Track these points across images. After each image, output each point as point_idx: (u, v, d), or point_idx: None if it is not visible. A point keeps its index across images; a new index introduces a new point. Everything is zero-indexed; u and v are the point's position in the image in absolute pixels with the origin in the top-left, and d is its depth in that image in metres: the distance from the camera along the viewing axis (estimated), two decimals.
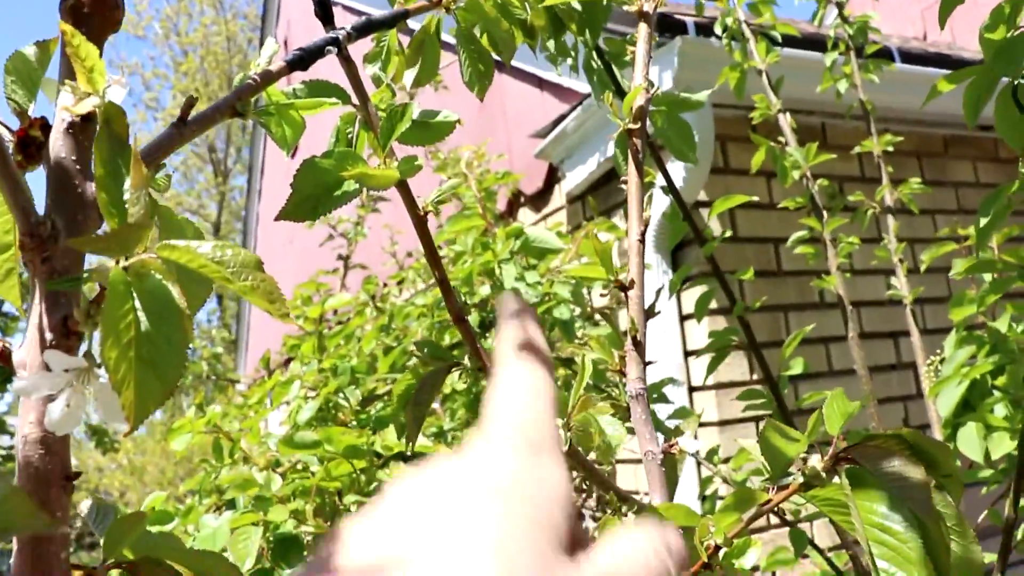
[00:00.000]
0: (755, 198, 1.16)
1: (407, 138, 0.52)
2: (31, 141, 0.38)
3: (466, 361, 0.56)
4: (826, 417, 0.53)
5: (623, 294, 0.66)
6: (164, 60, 18.20)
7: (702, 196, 2.83)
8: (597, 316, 1.75)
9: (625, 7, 0.71)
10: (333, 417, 1.38)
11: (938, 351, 1.64)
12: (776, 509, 0.54)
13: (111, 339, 0.29)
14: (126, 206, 0.32)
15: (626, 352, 0.64)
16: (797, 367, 1.18)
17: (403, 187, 0.51)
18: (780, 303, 2.96)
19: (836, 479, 0.48)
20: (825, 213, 1.87)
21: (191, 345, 0.37)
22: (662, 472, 0.62)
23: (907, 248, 2.46)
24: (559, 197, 3.39)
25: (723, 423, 2.75)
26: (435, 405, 1.78)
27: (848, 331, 1.84)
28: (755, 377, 2.90)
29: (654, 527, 0.25)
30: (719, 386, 2.76)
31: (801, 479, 0.50)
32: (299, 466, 1.23)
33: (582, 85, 3.00)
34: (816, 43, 2.79)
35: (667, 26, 2.67)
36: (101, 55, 0.39)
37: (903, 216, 2.14)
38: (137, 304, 0.30)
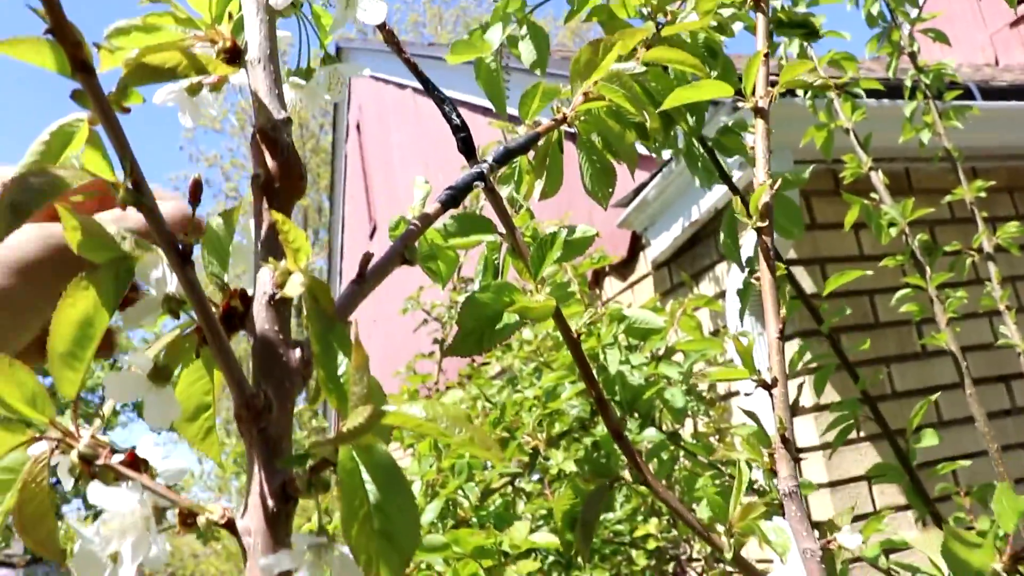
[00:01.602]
0: (868, 272, 1.15)
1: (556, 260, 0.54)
2: (233, 312, 0.41)
3: (627, 475, 0.57)
4: (998, 516, 0.52)
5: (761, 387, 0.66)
6: (241, 151, 19.00)
7: (792, 254, 2.80)
8: (703, 391, 1.74)
9: (739, 104, 0.73)
10: (453, 514, 1.39)
11: None
12: None
13: (349, 516, 0.31)
14: (343, 384, 0.34)
15: (775, 450, 0.64)
16: (930, 439, 1.15)
17: (556, 312, 0.52)
18: (880, 355, 2.89)
19: None
20: (928, 269, 1.83)
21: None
22: (822, 569, 0.61)
23: (1011, 289, 2.39)
24: (644, 264, 3.39)
25: (833, 484, 2.67)
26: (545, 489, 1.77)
27: (965, 388, 1.78)
28: (862, 434, 2.82)
29: None
30: (826, 446, 2.68)
31: None
32: (423, 565, 1.24)
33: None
34: (892, 89, 2.77)
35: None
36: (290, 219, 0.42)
37: (1002, 255, 2.09)
38: (366, 477, 0.32)
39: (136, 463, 0.42)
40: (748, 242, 0.81)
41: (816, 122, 1.99)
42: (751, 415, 0.74)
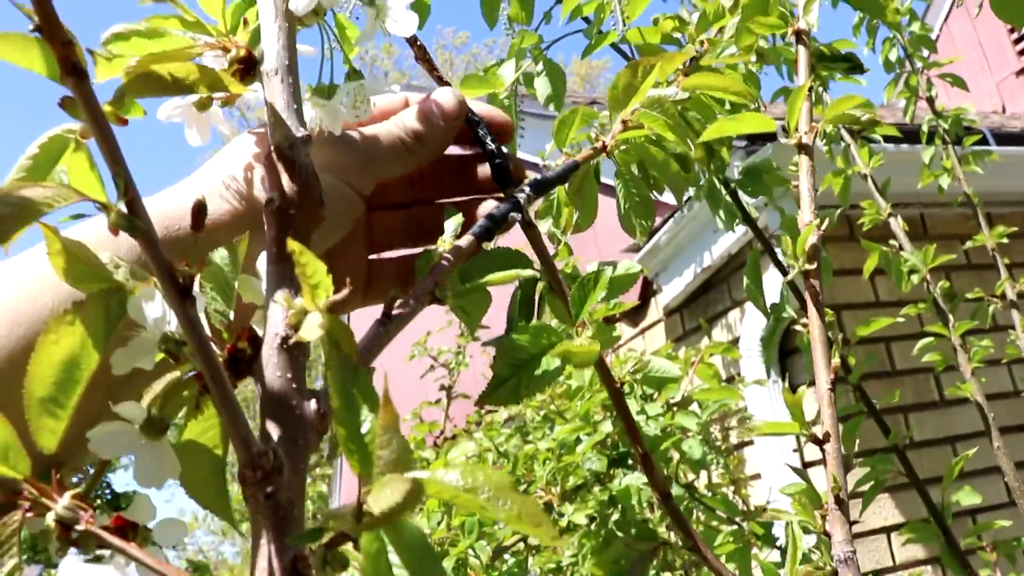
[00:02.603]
0: (899, 319, 1.10)
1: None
2: (240, 355, 0.35)
3: (673, 538, 0.52)
4: None
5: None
6: None
7: None
8: (718, 440, 1.67)
9: (782, 140, 0.68)
10: (464, 574, 1.33)
11: None
12: None
13: None
14: (368, 445, 0.29)
15: (828, 511, 0.58)
16: (969, 497, 1.09)
17: (599, 360, 0.47)
18: (898, 404, 2.82)
19: None
20: (951, 318, 1.78)
21: None
22: None
23: None
24: (656, 311, 3.34)
25: (857, 536, 2.59)
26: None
27: (992, 440, 1.72)
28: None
29: None
30: (850, 496, 2.60)
31: None
32: None
33: (671, 197, 2.98)
34: (908, 135, 2.74)
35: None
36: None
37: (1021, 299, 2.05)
38: (394, 559, 0.27)
39: (124, 528, 0.36)
40: (770, 287, 0.76)
41: (833, 168, 1.96)
42: (800, 473, 0.68)
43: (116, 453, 0.35)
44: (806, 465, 2.72)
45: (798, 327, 0.65)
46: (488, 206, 0.47)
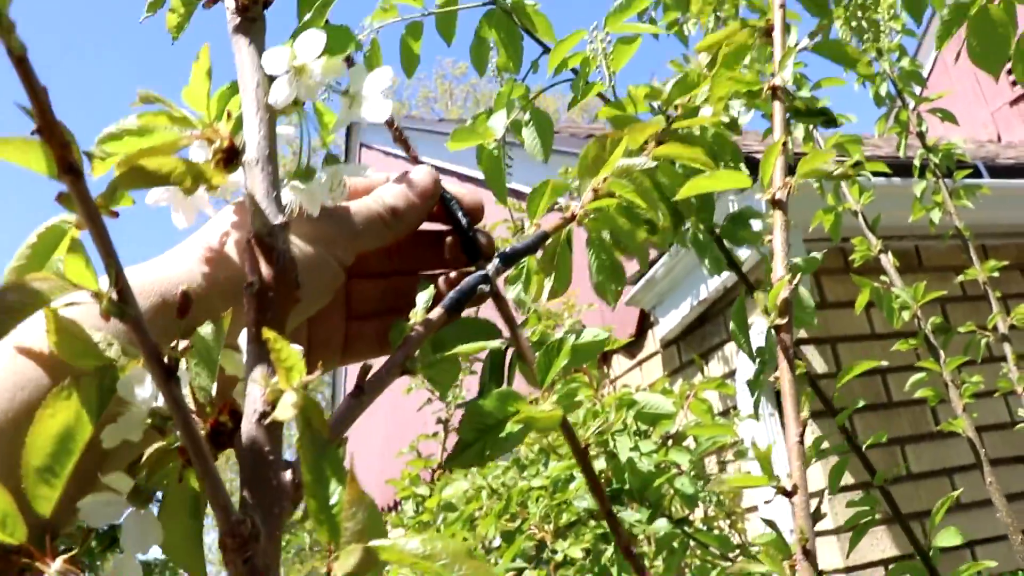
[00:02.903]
0: (884, 363, 1.12)
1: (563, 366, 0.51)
2: (222, 429, 0.38)
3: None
4: None
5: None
6: None
7: (802, 333, 2.77)
8: (721, 471, 1.69)
9: (758, 196, 0.71)
10: None
11: None
12: None
13: None
14: (336, 516, 0.32)
15: (796, 562, 0.60)
16: (951, 538, 1.10)
17: (563, 422, 0.50)
18: (895, 436, 2.83)
19: None
20: (942, 353, 1.80)
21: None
22: None
23: None
24: (653, 343, 3.36)
25: (849, 570, 2.60)
26: None
27: (985, 475, 1.74)
28: (876, 518, 2.74)
29: None
30: (840, 530, 2.61)
31: None
32: None
33: None
34: (901, 168, 2.77)
35: (752, 165, 2.69)
36: (284, 333, 0.40)
37: (1015, 332, 2.07)
38: None
39: None
40: (757, 330, 0.79)
41: (824, 205, 1.99)
42: (770, 523, 0.71)
43: (105, 522, 0.38)
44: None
45: (772, 379, 0.67)
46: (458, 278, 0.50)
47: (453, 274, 0.51)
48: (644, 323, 3.40)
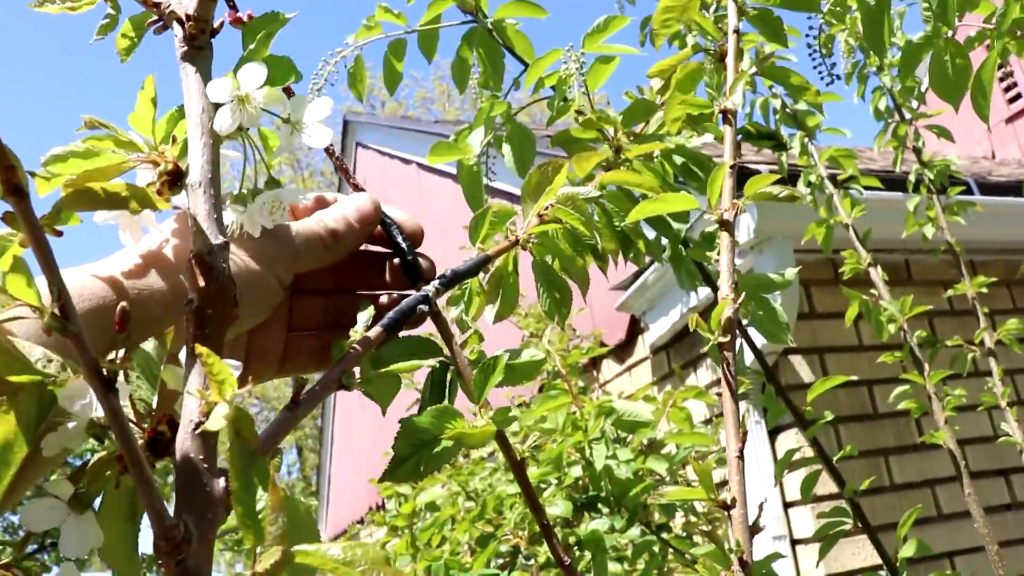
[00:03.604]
0: (855, 377, 1.14)
1: (498, 384, 0.53)
2: (160, 438, 0.40)
3: None
4: None
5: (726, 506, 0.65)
6: None
7: (791, 343, 2.79)
8: (694, 482, 1.70)
9: (706, 215, 0.73)
10: None
11: None
12: None
13: None
14: (260, 521, 0.34)
15: (733, 573, 0.62)
16: (910, 550, 1.12)
17: (499, 436, 0.52)
18: (879, 447, 2.85)
19: None
20: (927, 366, 1.81)
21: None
22: None
23: (1011, 385, 2.37)
24: (643, 348, 3.38)
25: None
26: None
27: (964, 487, 1.75)
28: (859, 525, 2.75)
29: None
30: (823, 538, 2.62)
31: None
32: None
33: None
34: (896, 182, 2.79)
35: (744, 177, 2.70)
36: (222, 349, 0.42)
37: (1001, 347, 2.08)
38: None
39: None
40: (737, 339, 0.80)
41: (816, 216, 2.01)
42: (708, 535, 0.72)
43: (46, 527, 0.40)
44: (787, 505, 2.74)
45: (714, 395, 0.69)
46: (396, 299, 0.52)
47: (396, 294, 0.53)
48: (634, 329, 3.41)
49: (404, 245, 0.51)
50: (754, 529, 0.64)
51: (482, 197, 1.07)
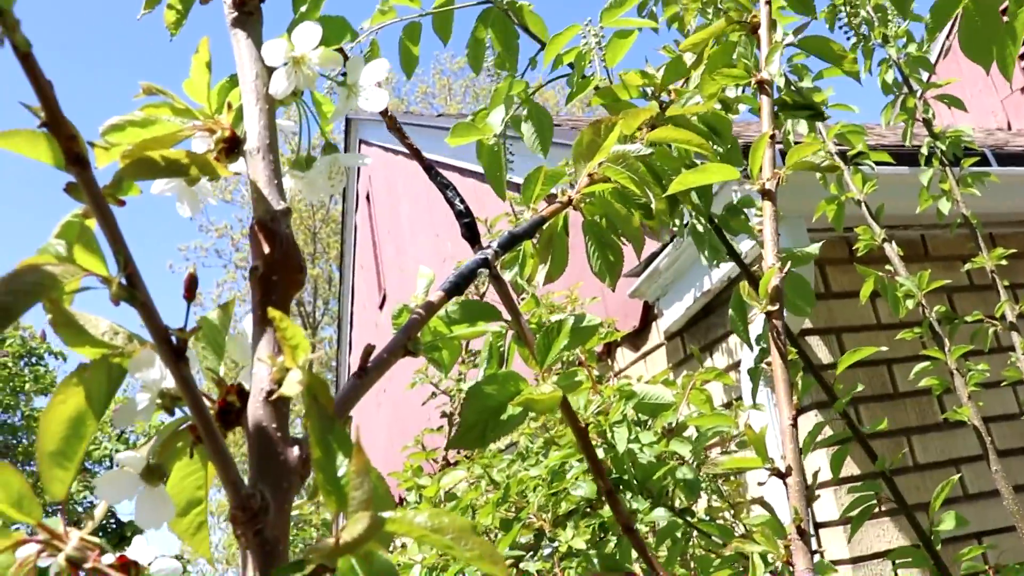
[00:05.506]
0: (884, 348, 1.13)
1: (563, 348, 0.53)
2: (230, 408, 0.39)
3: (637, 569, 0.55)
4: None
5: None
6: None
7: (806, 324, 2.78)
8: (717, 473, 1.69)
9: (747, 185, 0.72)
10: None
11: None
12: None
13: None
14: (343, 487, 0.33)
15: (791, 541, 0.62)
16: (949, 523, 1.11)
17: (564, 403, 0.51)
18: (901, 426, 2.83)
19: None
20: (947, 342, 1.80)
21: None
22: None
23: None
24: (657, 335, 3.37)
25: (856, 560, 2.60)
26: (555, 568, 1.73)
27: (991, 464, 1.74)
28: (882, 508, 2.74)
29: None
30: (846, 520, 2.61)
31: None
32: None
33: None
34: (907, 156, 2.77)
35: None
36: (288, 314, 0.41)
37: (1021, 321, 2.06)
38: None
39: (127, 566, 0.40)
40: (757, 319, 0.80)
41: (827, 194, 1.99)
42: (765, 505, 0.72)
43: (120, 499, 0.39)
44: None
45: (764, 365, 0.68)
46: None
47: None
48: (648, 315, 3.40)
49: (461, 207, 0.50)
50: (810, 497, 0.63)
51: (504, 177, 1.06)
